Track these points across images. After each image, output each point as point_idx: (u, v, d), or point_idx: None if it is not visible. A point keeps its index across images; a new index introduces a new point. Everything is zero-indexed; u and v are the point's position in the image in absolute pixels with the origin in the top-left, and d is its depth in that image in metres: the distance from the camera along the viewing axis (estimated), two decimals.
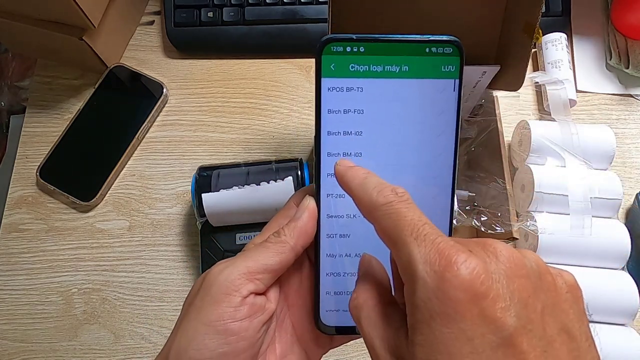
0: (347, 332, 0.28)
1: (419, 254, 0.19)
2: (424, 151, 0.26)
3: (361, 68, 0.26)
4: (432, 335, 0.18)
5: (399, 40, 0.25)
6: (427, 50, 0.25)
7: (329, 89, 0.26)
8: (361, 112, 0.26)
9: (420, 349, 0.18)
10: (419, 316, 0.18)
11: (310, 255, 0.29)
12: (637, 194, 0.51)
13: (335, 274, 0.28)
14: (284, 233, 0.27)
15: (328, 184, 0.27)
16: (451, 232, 0.27)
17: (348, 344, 0.43)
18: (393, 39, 0.25)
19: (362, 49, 0.25)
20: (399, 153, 0.26)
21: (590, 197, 0.45)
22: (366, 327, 0.21)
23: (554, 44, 0.55)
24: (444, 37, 0.25)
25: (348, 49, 0.25)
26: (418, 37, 0.25)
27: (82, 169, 0.54)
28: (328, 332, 0.28)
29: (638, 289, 0.43)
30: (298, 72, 0.57)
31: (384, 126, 0.26)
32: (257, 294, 0.26)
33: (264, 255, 0.26)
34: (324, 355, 0.29)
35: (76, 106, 0.56)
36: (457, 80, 0.26)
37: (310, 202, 0.27)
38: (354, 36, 0.25)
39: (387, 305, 0.22)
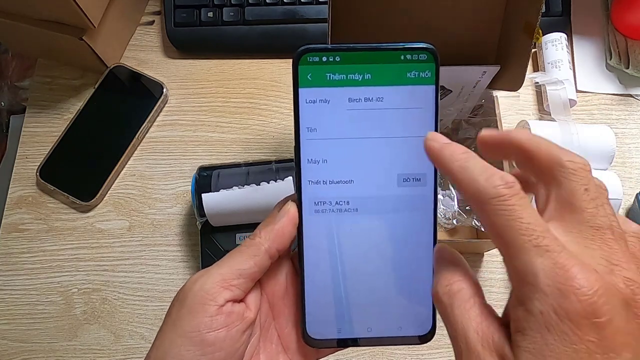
0: (334, 345, 0.28)
1: (541, 266, 0.18)
2: (404, 154, 0.26)
3: (338, 77, 0.26)
4: (545, 346, 0.17)
5: (374, 49, 0.26)
6: (402, 57, 0.26)
7: (306, 100, 0.26)
8: (339, 120, 0.26)
9: (529, 357, 0.18)
10: (533, 325, 0.18)
11: (296, 264, 0.29)
12: (637, 194, 0.51)
13: (321, 285, 0.28)
14: (259, 235, 0.26)
15: (310, 191, 0.27)
16: (436, 222, 0.27)
17: None
18: (368, 47, 0.26)
19: (337, 59, 0.26)
20: (379, 157, 0.27)
21: None
22: (460, 316, 0.20)
23: (554, 44, 0.55)
24: (418, 45, 0.25)
25: (324, 58, 0.26)
26: (392, 45, 0.26)
27: (82, 169, 0.54)
28: (314, 345, 0.28)
29: None
30: None
31: (364, 132, 0.27)
32: (235, 301, 0.25)
33: (238, 259, 0.26)
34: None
35: (76, 106, 0.56)
36: (434, 87, 0.26)
37: (291, 207, 0.27)
38: (329, 46, 0.26)
39: (482, 299, 0.21)
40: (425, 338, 0.27)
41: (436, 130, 0.26)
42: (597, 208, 0.19)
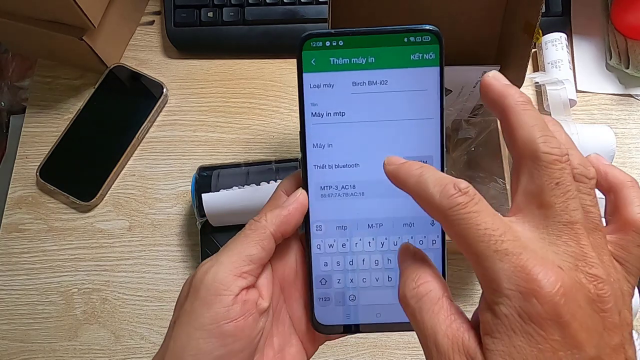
0: (342, 331, 0.28)
1: (502, 270, 0.18)
2: (410, 136, 0.27)
3: (341, 61, 0.26)
4: (513, 348, 0.18)
5: (377, 32, 0.26)
6: (405, 40, 0.26)
7: (311, 85, 0.27)
8: (343, 104, 0.27)
9: (499, 359, 0.18)
10: (500, 328, 0.18)
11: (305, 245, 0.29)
12: None
13: (328, 271, 0.28)
14: (264, 218, 0.26)
15: (316, 176, 0.27)
16: None
17: (347, 343, 0.43)
18: (371, 31, 0.26)
19: (341, 43, 0.26)
20: (384, 140, 0.27)
21: None
22: (429, 320, 0.20)
23: (554, 44, 0.55)
24: (421, 27, 0.26)
25: (327, 43, 0.26)
26: (395, 27, 0.26)
27: (82, 169, 0.54)
28: (323, 331, 0.28)
29: (638, 289, 0.43)
30: None
31: (369, 115, 0.27)
32: (248, 288, 0.25)
33: (246, 245, 0.25)
34: (324, 356, 0.29)
35: (76, 106, 0.56)
36: (438, 68, 0.26)
37: (301, 194, 0.27)
38: (332, 30, 0.26)
39: (449, 300, 0.21)
40: None
41: (442, 112, 0.26)
42: (567, 202, 0.19)
